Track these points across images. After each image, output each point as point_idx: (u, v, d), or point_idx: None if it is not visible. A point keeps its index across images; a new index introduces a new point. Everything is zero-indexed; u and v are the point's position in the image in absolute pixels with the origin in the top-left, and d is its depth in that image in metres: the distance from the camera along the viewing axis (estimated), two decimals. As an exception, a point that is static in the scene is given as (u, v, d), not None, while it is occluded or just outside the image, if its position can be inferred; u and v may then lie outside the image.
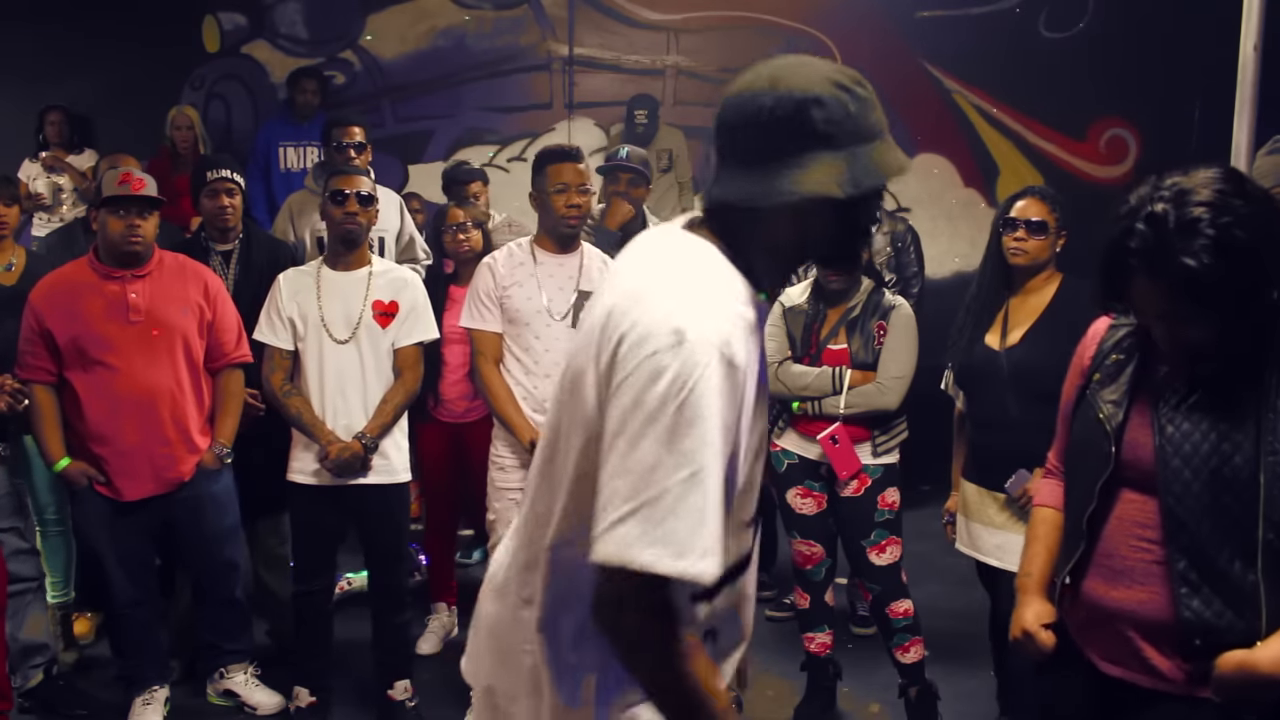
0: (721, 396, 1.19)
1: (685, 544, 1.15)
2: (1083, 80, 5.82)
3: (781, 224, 1.30)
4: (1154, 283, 1.53)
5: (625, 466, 1.18)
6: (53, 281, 3.10)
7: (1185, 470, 1.59)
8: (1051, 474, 1.94)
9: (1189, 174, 1.54)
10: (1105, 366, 1.75)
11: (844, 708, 3.36)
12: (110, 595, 3.18)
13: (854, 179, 1.26)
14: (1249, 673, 1.48)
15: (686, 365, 1.17)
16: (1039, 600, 1.82)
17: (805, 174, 1.25)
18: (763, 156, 1.27)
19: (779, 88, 1.27)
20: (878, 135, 1.30)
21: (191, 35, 6.19)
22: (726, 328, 1.21)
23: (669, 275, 1.28)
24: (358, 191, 3.14)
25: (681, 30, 6.22)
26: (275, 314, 3.18)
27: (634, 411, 1.18)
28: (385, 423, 3.15)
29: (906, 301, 3.26)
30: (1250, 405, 1.57)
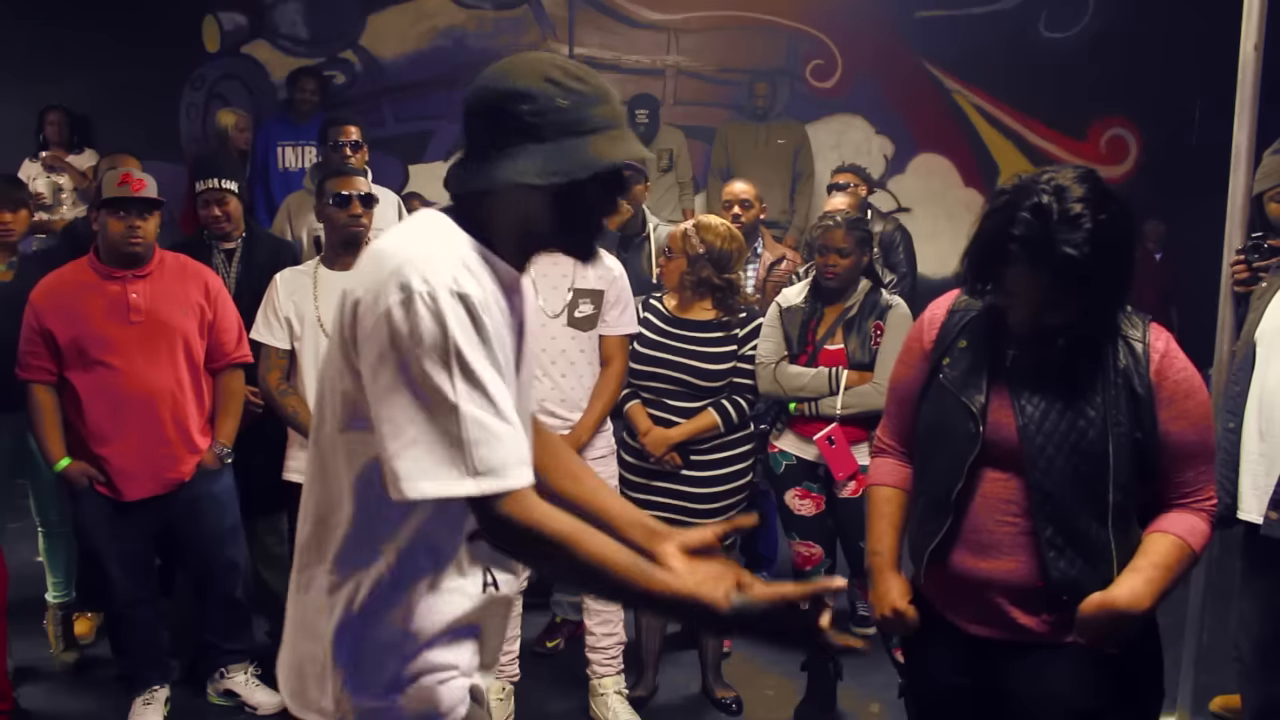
0: (464, 328, 1.27)
1: (456, 469, 1.25)
2: (1083, 80, 5.83)
3: (502, 208, 1.38)
4: (1034, 268, 1.65)
5: (387, 415, 1.27)
6: (53, 281, 3.10)
7: (1048, 446, 1.74)
8: (885, 452, 2.05)
9: (1058, 170, 1.69)
10: (954, 351, 1.86)
11: (844, 708, 3.36)
12: (110, 595, 3.18)
13: (557, 170, 1.32)
14: (1109, 610, 1.65)
15: (418, 313, 1.26)
16: (896, 577, 1.94)
17: (512, 163, 1.33)
18: (479, 145, 1.38)
19: (500, 80, 1.36)
20: (595, 129, 1.34)
21: (191, 35, 6.20)
22: (448, 268, 1.29)
23: (393, 243, 1.37)
24: (361, 193, 3.14)
25: (681, 30, 6.23)
26: (272, 313, 3.18)
27: (382, 364, 1.28)
28: (382, 422, 3.14)
29: (905, 304, 3.25)
30: (1095, 382, 1.74)
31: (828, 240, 3.14)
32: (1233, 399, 2.61)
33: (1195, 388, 1.76)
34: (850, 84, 6.14)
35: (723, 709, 3.36)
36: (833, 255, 3.13)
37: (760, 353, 3.19)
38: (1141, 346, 1.75)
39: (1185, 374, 1.76)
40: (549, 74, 1.34)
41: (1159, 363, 1.74)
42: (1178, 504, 1.77)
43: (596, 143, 1.34)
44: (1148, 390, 1.73)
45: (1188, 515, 1.75)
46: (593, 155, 1.33)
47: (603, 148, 1.34)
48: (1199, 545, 1.73)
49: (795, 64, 6.16)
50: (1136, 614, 1.65)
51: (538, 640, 3.68)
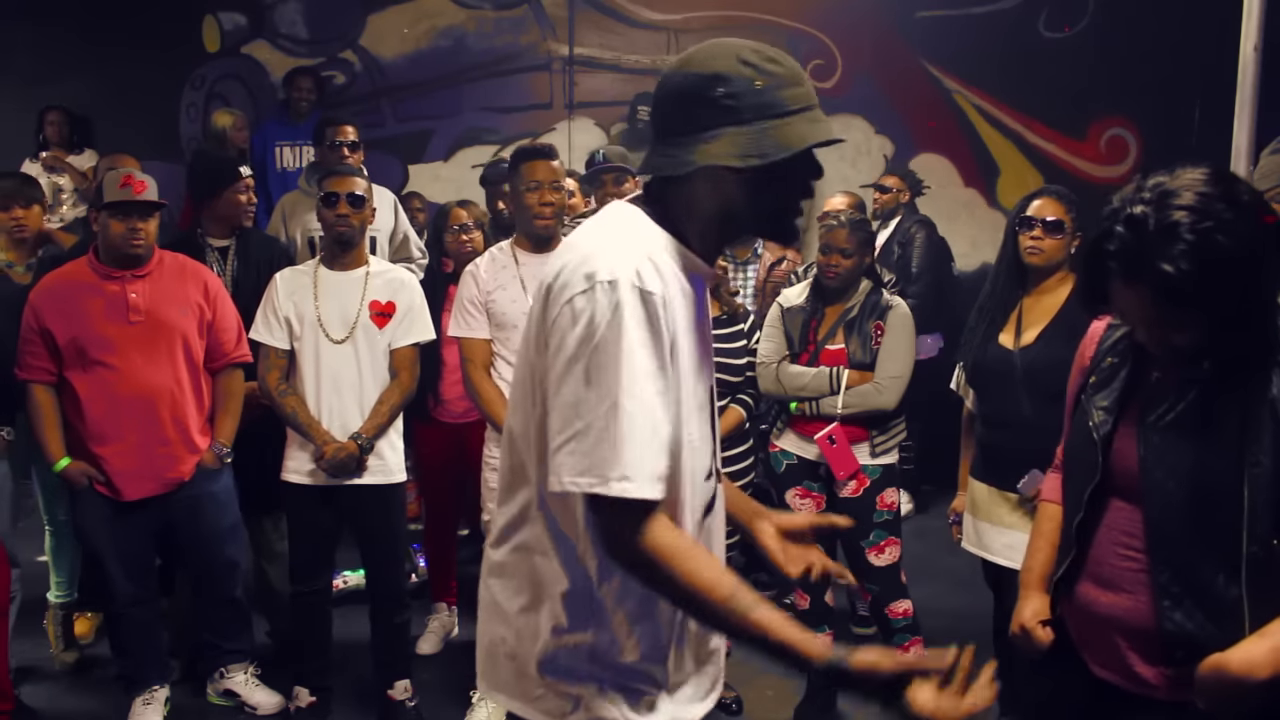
0: (641, 326, 1.28)
1: (606, 468, 1.26)
2: (1083, 80, 5.82)
3: (698, 194, 1.38)
4: (1131, 287, 1.50)
5: (556, 405, 1.30)
6: (52, 281, 3.10)
7: (1169, 482, 1.56)
8: (1058, 469, 1.93)
9: (1175, 174, 1.50)
10: (1100, 369, 1.73)
11: (844, 708, 3.36)
12: (110, 595, 3.18)
13: (757, 151, 1.32)
14: (1221, 673, 1.45)
15: (599, 305, 1.28)
16: (1038, 596, 1.81)
17: (707, 146, 1.33)
18: (675, 131, 1.37)
19: (690, 66, 1.36)
20: (790, 110, 1.34)
21: (191, 35, 6.20)
22: (634, 263, 1.31)
23: (588, 234, 1.40)
24: (349, 193, 3.13)
25: (681, 30, 6.22)
26: (271, 313, 3.18)
27: (558, 354, 1.30)
28: (381, 423, 3.15)
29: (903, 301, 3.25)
30: (1235, 414, 1.53)
31: (831, 240, 3.14)
32: None
33: None
34: (850, 84, 6.13)
35: (723, 709, 3.36)
36: (835, 255, 3.13)
37: (762, 352, 3.20)
38: None
39: None
40: (744, 56, 1.34)
41: None
42: None
43: (794, 124, 1.34)
44: None
45: None
46: (791, 136, 1.33)
47: (801, 129, 1.34)
48: None
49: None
50: (1250, 683, 1.42)
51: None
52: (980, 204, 6.00)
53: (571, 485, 1.28)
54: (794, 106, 1.34)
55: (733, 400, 3.22)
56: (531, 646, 1.44)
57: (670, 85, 1.38)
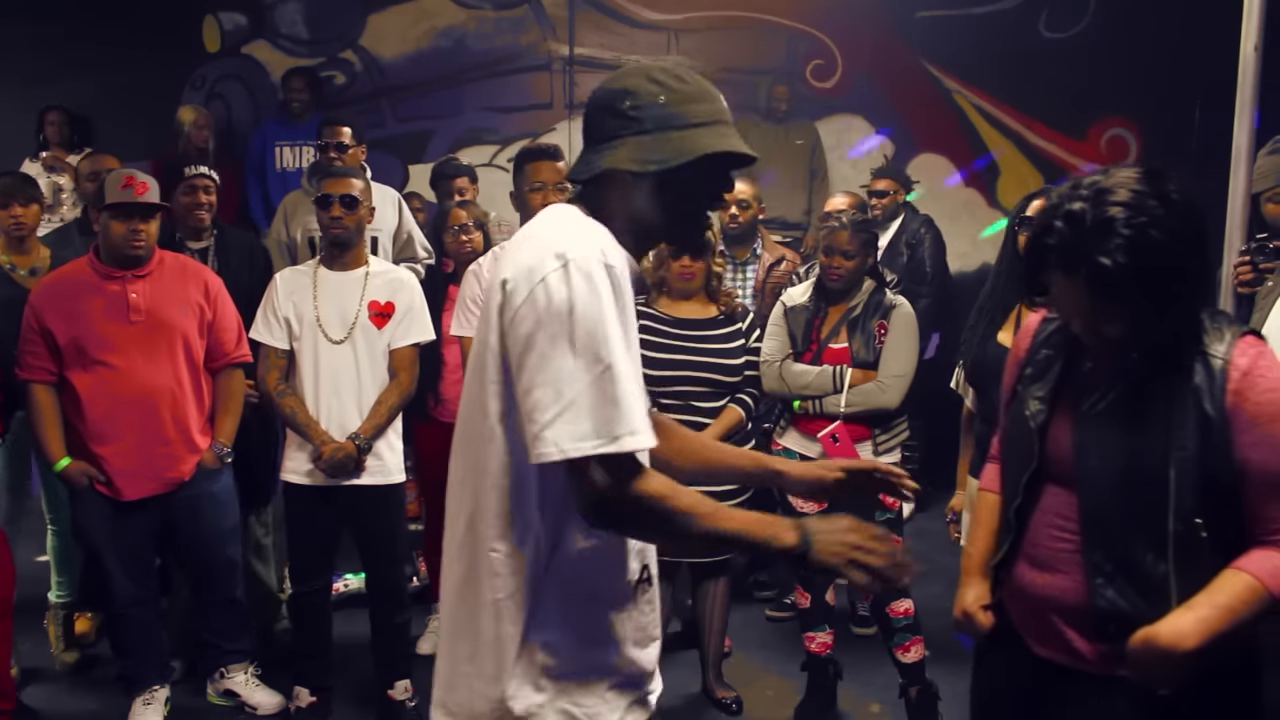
0: (611, 298, 1.37)
1: (612, 426, 1.33)
2: (1083, 80, 5.82)
3: (611, 198, 1.49)
4: (1069, 279, 1.56)
5: (542, 379, 1.34)
6: (53, 281, 3.10)
7: (1101, 467, 1.64)
8: (995, 459, 1.99)
9: (1110, 173, 1.57)
10: (1036, 361, 1.80)
11: (844, 708, 3.36)
12: (110, 595, 3.18)
13: (655, 156, 1.43)
14: (1151, 645, 1.53)
15: (575, 279, 1.35)
16: (979, 582, 1.88)
17: (613, 153, 1.46)
18: (591, 139, 1.51)
19: (608, 83, 1.50)
20: (693, 123, 1.45)
21: (191, 35, 6.19)
22: (597, 242, 1.41)
23: (539, 226, 1.50)
24: (342, 195, 3.13)
25: (681, 30, 6.22)
26: (271, 313, 3.18)
27: (537, 331, 1.35)
28: (379, 423, 3.14)
29: (908, 302, 3.25)
30: (1162, 402, 1.61)
31: (833, 242, 3.14)
32: None
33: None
34: (850, 84, 6.13)
35: (723, 709, 3.36)
36: (838, 257, 3.13)
37: (765, 351, 3.21)
38: (1221, 363, 1.58)
39: (1273, 395, 1.56)
40: (652, 74, 1.47)
41: (1239, 382, 1.56)
42: (1265, 541, 1.57)
43: (695, 135, 1.44)
44: (1220, 413, 1.56)
45: (1273, 554, 1.55)
46: (690, 145, 1.43)
47: (702, 139, 1.44)
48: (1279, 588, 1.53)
49: (795, 64, 6.15)
50: (1178, 653, 1.50)
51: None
52: (980, 204, 6.00)
53: (575, 451, 1.32)
54: (696, 120, 1.45)
55: (731, 400, 3.22)
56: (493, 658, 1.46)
57: (592, 99, 1.52)
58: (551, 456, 1.33)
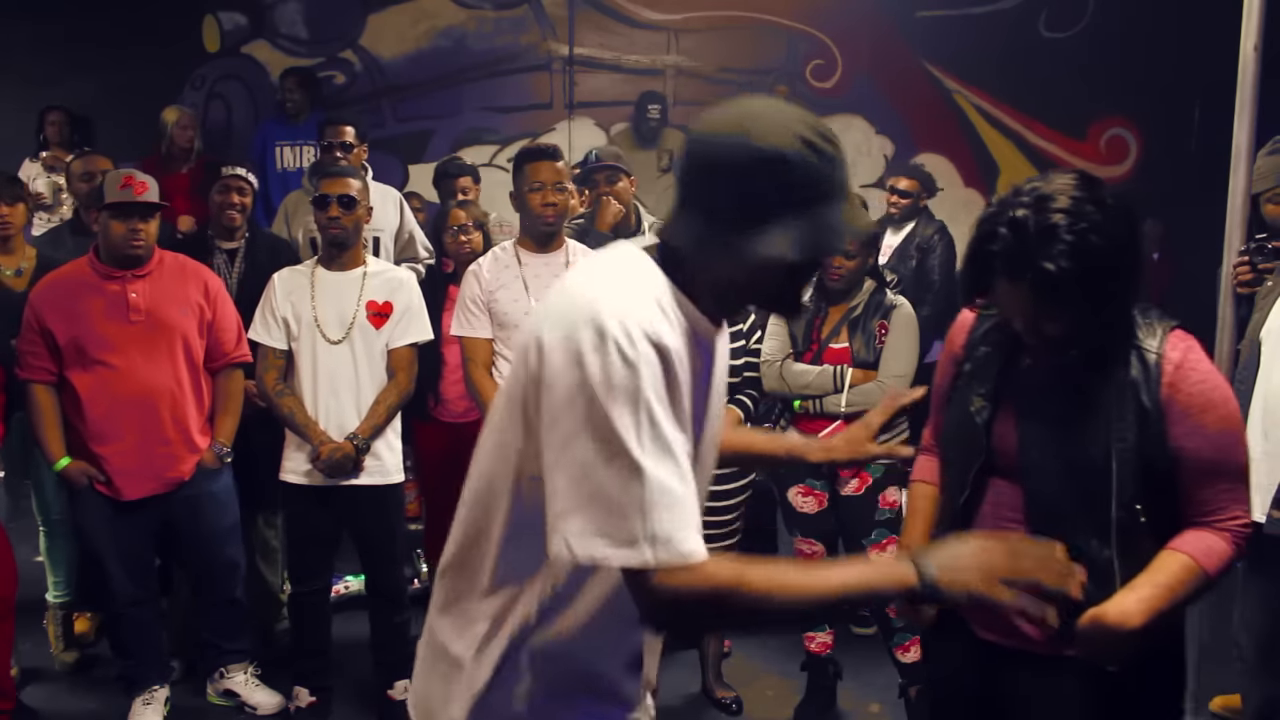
0: (655, 382, 1.18)
1: (631, 532, 1.16)
2: (1083, 80, 5.83)
3: (728, 271, 1.28)
4: (1014, 283, 1.60)
5: (561, 464, 1.18)
6: (53, 281, 3.10)
7: (1045, 459, 1.70)
8: (927, 451, 2.02)
9: (1048, 179, 1.62)
10: (975, 358, 1.84)
11: (844, 708, 3.36)
12: (110, 595, 3.17)
13: (811, 243, 1.24)
14: (1099, 624, 1.60)
15: (612, 359, 1.16)
16: None
17: (763, 238, 1.23)
18: (721, 207, 1.25)
19: (747, 139, 1.23)
20: (840, 196, 1.27)
21: (191, 35, 6.20)
22: (648, 315, 1.20)
23: (586, 278, 1.28)
24: (339, 195, 3.13)
25: (681, 30, 6.23)
26: (269, 313, 3.18)
27: (565, 410, 1.18)
28: (377, 424, 3.14)
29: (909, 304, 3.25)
30: (1101, 395, 1.68)
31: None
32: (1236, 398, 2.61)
33: (1215, 401, 1.66)
34: (850, 84, 6.14)
35: (723, 709, 3.36)
36: (838, 257, 3.13)
37: (765, 351, 3.21)
38: (1155, 357, 1.66)
39: (1203, 387, 1.66)
40: (804, 135, 1.23)
41: (1172, 375, 1.65)
42: (1198, 523, 1.68)
43: (837, 212, 1.26)
44: (1156, 405, 1.64)
45: (1206, 535, 1.67)
46: (841, 226, 1.26)
47: (847, 217, 1.27)
48: (1213, 566, 1.64)
49: (795, 64, 6.16)
50: (1125, 631, 1.59)
51: (538, 640, 3.68)
52: (980, 204, 5.99)
53: (583, 553, 1.17)
54: (839, 189, 1.27)
55: (731, 401, 3.21)
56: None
57: (716, 153, 1.25)
58: (561, 554, 1.18)
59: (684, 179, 1.30)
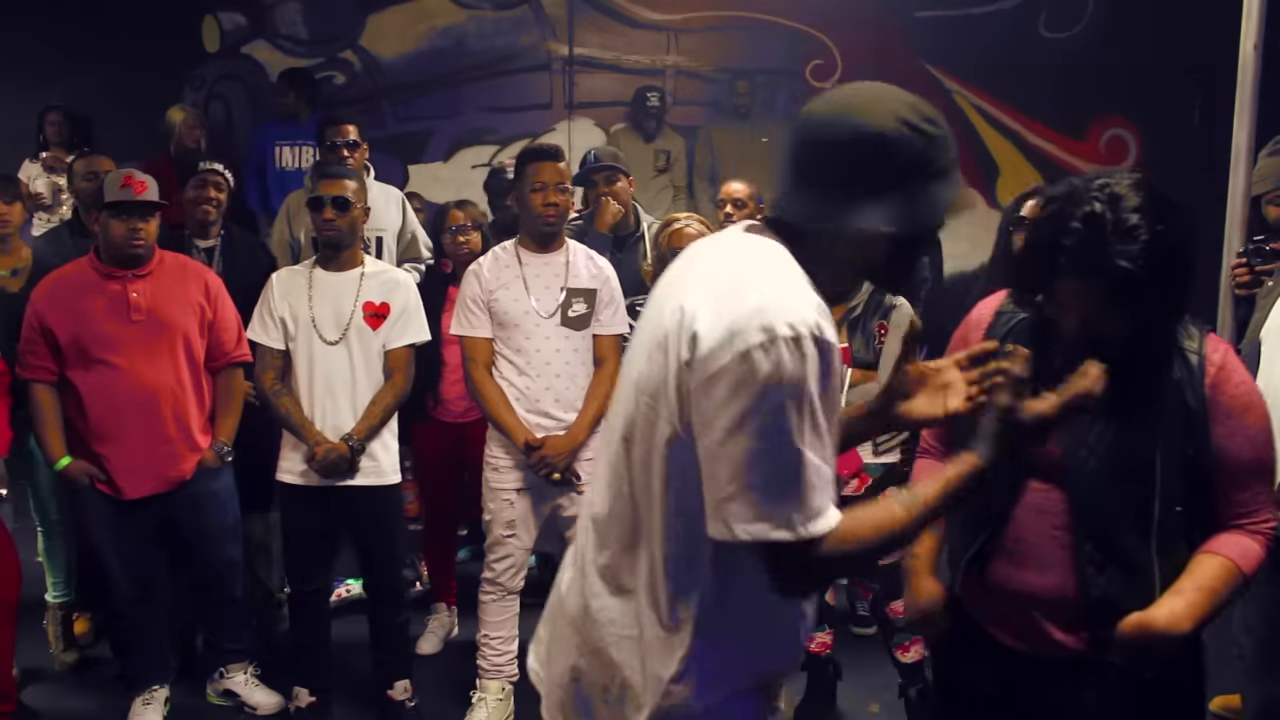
0: (820, 378, 1.27)
1: (790, 515, 1.26)
2: (1083, 80, 5.82)
3: (839, 246, 1.36)
4: (1086, 281, 1.57)
5: (724, 454, 1.27)
6: (54, 281, 3.10)
7: (1091, 460, 1.67)
8: (929, 453, 1.99)
9: (1114, 176, 1.60)
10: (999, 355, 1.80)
11: (844, 707, 3.36)
12: (111, 594, 3.18)
13: (912, 216, 1.32)
14: (1147, 630, 1.59)
15: (784, 358, 1.24)
16: (930, 581, 1.89)
17: (865, 207, 1.32)
18: (829, 183, 1.34)
19: (853, 119, 1.33)
20: (943, 173, 1.35)
21: (191, 35, 6.19)
22: (813, 313, 1.28)
23: (745, 270, 1.34)
24: (333, 197, 3.12)
25: (681, 30, 6.23)
26: (267, 313, 3.18)
27: (729, 404, 1.26)
28: (373, 424, 3.14)
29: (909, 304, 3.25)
30: (1145, 395, 1.66)
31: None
32: None
33: (1253, 403, 1.67)
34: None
35: (723, 709, 3.36)
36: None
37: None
38: (1197, 359, 1.66)
39: (1243, 389, 1.66)
40: (906, 117, 1.33)
41: (1215, 376, 1.65)
42: (1233, 525, 1.68)
43: (942, 188, 1.35)
44: (1201, 405, 1.64)
45: (1241, 537, 1.67)
46: (942, 200, 1.35)
47: (948, 192, 1.36)
48: (1250, 568, 1.65)
49: (795, 64, 6.16)
50: (1175, 636, 1.58)
51: (538, 640, 3.68)
52: (980, 204, 6.00)
53: (745, 535, 1.27)
54: (944, 165, 1.36)
55: None
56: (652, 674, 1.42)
57: (823, 133, 1.35)
58: (722, 536, 1.29)
59: (795, 158, 1.38)
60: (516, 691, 3.24)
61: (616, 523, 1.44)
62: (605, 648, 1.44)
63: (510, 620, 3.21)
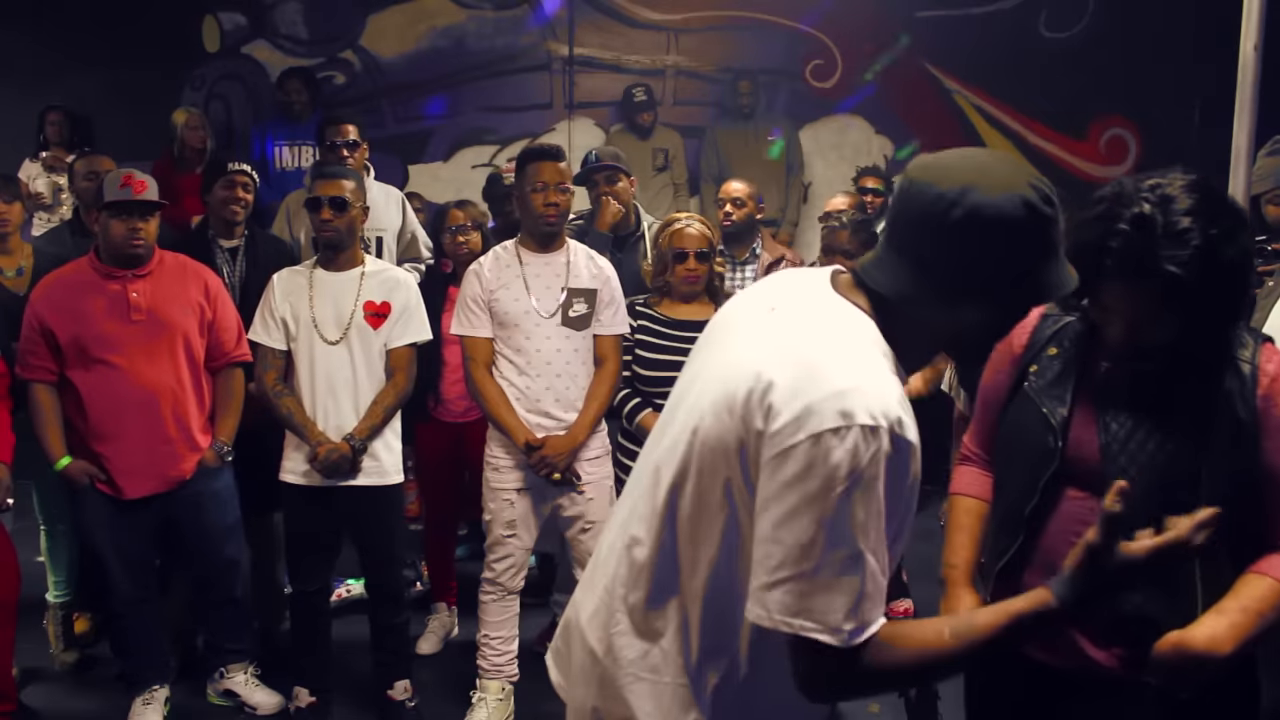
0: (889, 478, 1.18)
1: (838, 617, 1.18)
2: (1083, 80, 5.83)
3: (937, 328, 1.29)
4: (1133, 286, 1.51)
5: (781, 536, 1.19)
6: (54, 281, 3.10)
7: (1131, 469, 1.59)
8: (970, 460, 1.93)
9: (1168, 177, 1.52)
10: (1042, 359, 1.74)
11: (844, 707, 3.36)
12: (111, 594, 3.18)
13: (1017, 306, 1.28)
14: (1185, 651, 1.51)
15: (860, 452, 1.16)
16: (968, 592, 1.82)
17: (978, 299, 1.23)
18: (939, 263, 1.23)
19: (974, 196, 1.20)
20: (1055, 254, 1.26)
21: (191, 35, 6.20)
22: (895, 407, 1.19)
23: (830, 344, 1.25)
24: (330, 197, 3.12)
25: (681, 30, 6.23)
26: (268, 314, 3.18)
27: (795, 486, 1.18)
28: (374, 424, 3.14)
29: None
30: (1193, 404, 1.58)
31: (833, 241, 3.14)
32: None
33: None
34: (850, 84, 6.14)
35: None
36: (838, 257, 3.12)
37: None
38: (1250, 369, 1.57)
39: None
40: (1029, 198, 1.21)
41: (1268, 387, 1.57)
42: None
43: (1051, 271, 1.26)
44: (1252, 417, 1.56)
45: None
46: (1049, 286, 1.26)
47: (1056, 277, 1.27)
48: None
49: (795, 64, 6.16)
50: (1214, 659, 1.49)
51: (538, 640, 3.68)
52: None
53: (785, 626, 1.19)
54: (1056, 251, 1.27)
55: None
56: None
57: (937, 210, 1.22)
58: (760, 620, 1.21)
59: (898, 225, 1.28)
60: (516, 691, 3.24)
61: (654, 570, 1.38)
62: (622, 689, 1.40)
63: (510, 620, 3.21)
